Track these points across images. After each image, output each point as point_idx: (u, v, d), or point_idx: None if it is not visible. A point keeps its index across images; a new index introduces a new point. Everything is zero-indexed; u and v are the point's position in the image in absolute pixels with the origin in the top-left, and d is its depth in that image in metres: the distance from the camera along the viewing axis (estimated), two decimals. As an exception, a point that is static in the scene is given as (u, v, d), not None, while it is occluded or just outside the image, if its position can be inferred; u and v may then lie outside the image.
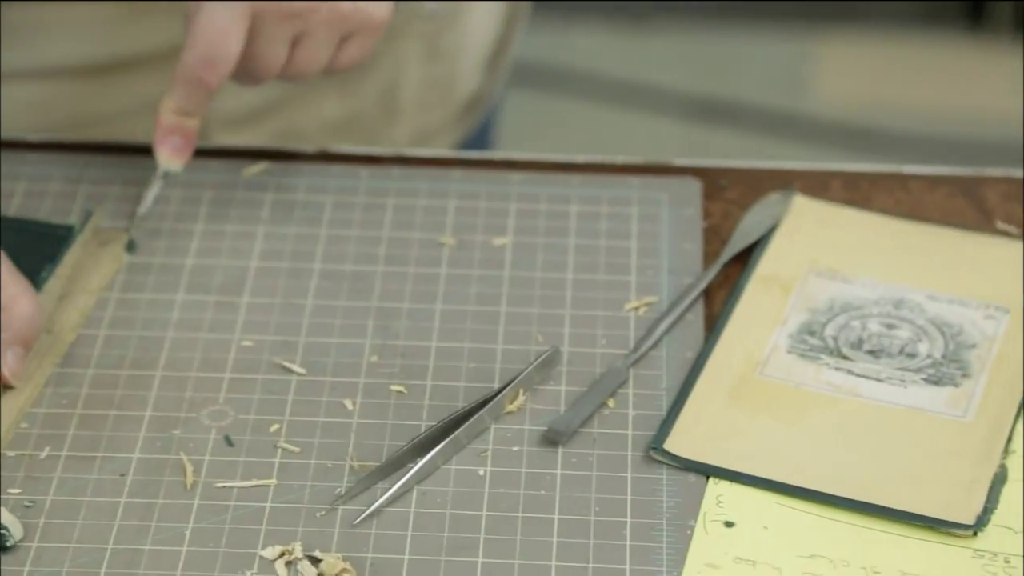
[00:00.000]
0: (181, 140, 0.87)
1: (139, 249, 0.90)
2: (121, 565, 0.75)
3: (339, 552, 0.75)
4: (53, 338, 0.84)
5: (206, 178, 0.93)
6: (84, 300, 0.86)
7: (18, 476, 0.78)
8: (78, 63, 0.99)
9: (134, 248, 0.90)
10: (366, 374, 0.84)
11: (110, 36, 0.98)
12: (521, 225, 0.92)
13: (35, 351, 0.83)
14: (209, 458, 0.79)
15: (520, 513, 0.77)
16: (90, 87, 1.00)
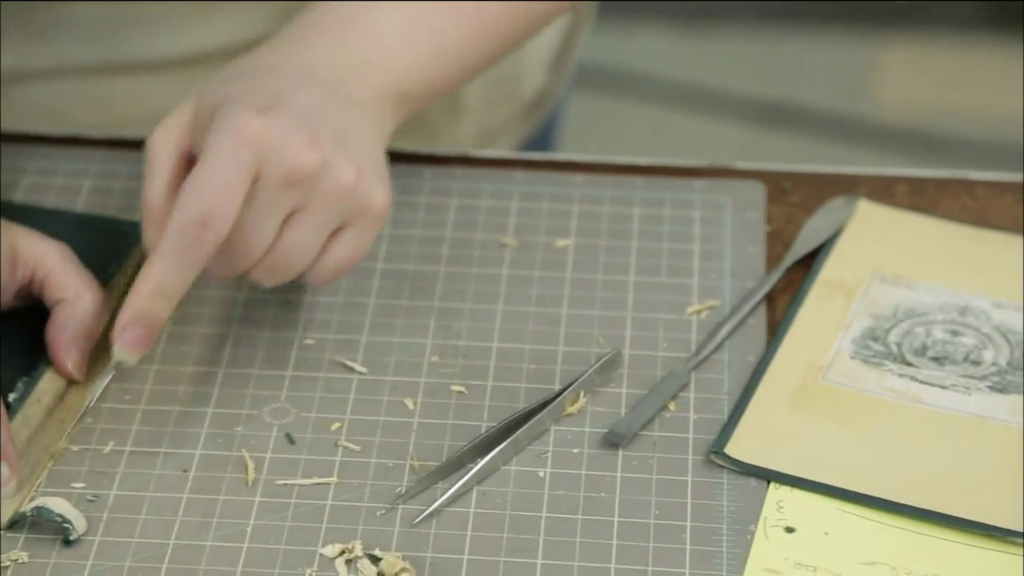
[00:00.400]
0: (143, 332, 0.77)
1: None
2: (182, 560, 0.75)
3: (399, 551, 0.76)
4: None
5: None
6: (149, 296, 0.87)
7: (82, 470, 0.79)
8: (143, 59, 1.00)
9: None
10: (427, 374, 0.84)
11: (176, 33, 0.99)
12: (583, 227, 0.92)
13: (100, 345, 0.83)
14: (270, 455, 0.80)
15: (580, 515, 0.77)
16: (153, 84, 1.01)
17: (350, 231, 0.79)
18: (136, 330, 0.77)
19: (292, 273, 0.79)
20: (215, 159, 0.76)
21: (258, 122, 0.77)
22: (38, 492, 0.77)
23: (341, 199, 0.78)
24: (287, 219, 0.78)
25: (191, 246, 0.76)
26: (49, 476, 0.78)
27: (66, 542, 0.75)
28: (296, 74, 0.81)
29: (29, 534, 0.76)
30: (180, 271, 0.76)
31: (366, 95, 0.82)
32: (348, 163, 0.78)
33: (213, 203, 0.75)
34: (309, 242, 0.78)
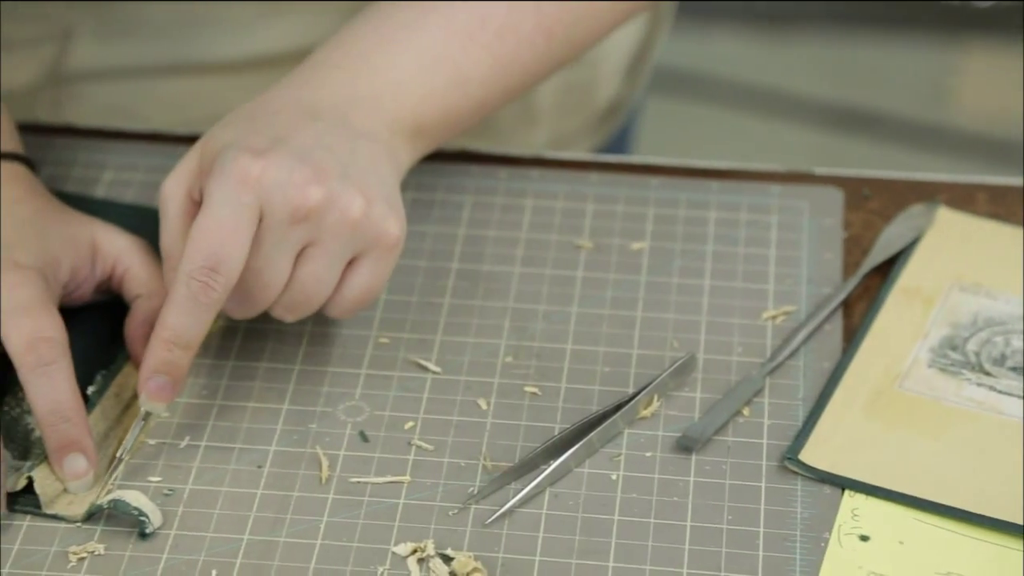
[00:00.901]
0: (168, 381, 0.77)
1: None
2: (256, 556, 0.75)
3: (470, 551, 0.76)
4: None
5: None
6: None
7: (158, 464, 0.79)
8: (213, 60, 1.01)
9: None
10: (501, 374, 0.84)
11: (244, 34, 1.00)
12: (659, 230, 0.92)
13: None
14: (344, 453, 0.80)
15: (652, 519, 0.77)
16: (222, 85, 1.01)
17: (366, 262, 0.79)
18: (160, 379, 0.77)
19: (312, 307, 0.79)
20: (216, 205, 0.76)
21: (257, 164, 0.76)
22: (115, 485, 0.78)
23: (351, 230, 0.78)
24: (300, 255, 0.78)
25: (201, 293, 0.76)
26: (126, 469, 0.79)
27: (142, 535, 0.76)
28: (299, 111, 0.80)
29: (106, 526, 0.76)
30: (193, 319, 0.76)
31: (375, 127, 0.81)
32: (355, 194, 0.78)
33: (219, 249, 0.76)
34: (324, 275, 0.78)
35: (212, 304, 0.76)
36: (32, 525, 0.76)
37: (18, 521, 0.76)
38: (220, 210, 0.76)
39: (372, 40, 0.83)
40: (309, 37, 1.00)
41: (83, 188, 0.93)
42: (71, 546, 0.75)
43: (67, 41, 1.00)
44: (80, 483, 0.77)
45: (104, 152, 0.95)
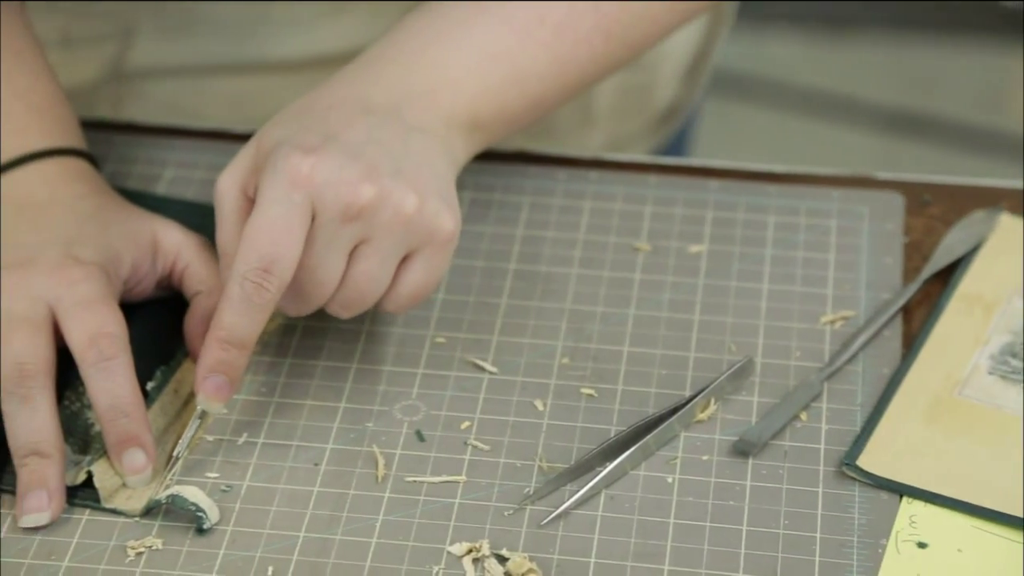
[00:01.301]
0: (224, 380, 0.77)
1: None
2: (312, 553, 0.76)
3: (526, 552, 0.76)
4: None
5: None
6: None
7: (216, 460, 0.80)
8: (272, 59, 1.01)
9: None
10: (557, 376, 0.84)
11: (304, 34, 1.00)
12: (717, 233, 0.92)
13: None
14: (400, 452, 0.80)
15: (708, 523, 0.77)
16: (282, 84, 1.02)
17: (420, 258, 0.79)
18: (217, 379, 0.77)
19: (366, 304, 0.79)
20: (268, 204, 0.76)
21: (307, 161, 0.76)
22: (173, 481, 0.78)
23: (404, 227, 0.77)
24: (353, 253, 0.78)
25: (255, 293, 0.76)
26: (184, 465, 0.79)
27: (199, 531, 0.76)
28: (352, 106, 0.80)
29: (164, 521, 0.77)
30: (247, 318, 0.76)
31: (429, 121, 0.81)
32: (408, 190, 0.77)
33: (271, 248, 0.76)
34: (378, 272, 0.78)
35: (266, 304, 0.76)
36: (91, 519, 0.77)
37: (77, 515, 0.77)
38: (272, 209, 0.76)
39: (428, 36, 0.83)
40: (368, 36, 1.00)
41: (144, 185, 0.94)
42: (129, 540, 0.76)
43: (129, 39, 1.01)
44: (139, 478, 0.78)
45: (165, 149, 0.96)
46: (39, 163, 0.85)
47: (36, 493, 0.75)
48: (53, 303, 0.79)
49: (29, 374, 0.77)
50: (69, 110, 0.88)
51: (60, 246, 0.81)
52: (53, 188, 0.84)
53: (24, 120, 0.85)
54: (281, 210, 0.76)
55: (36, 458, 0.76)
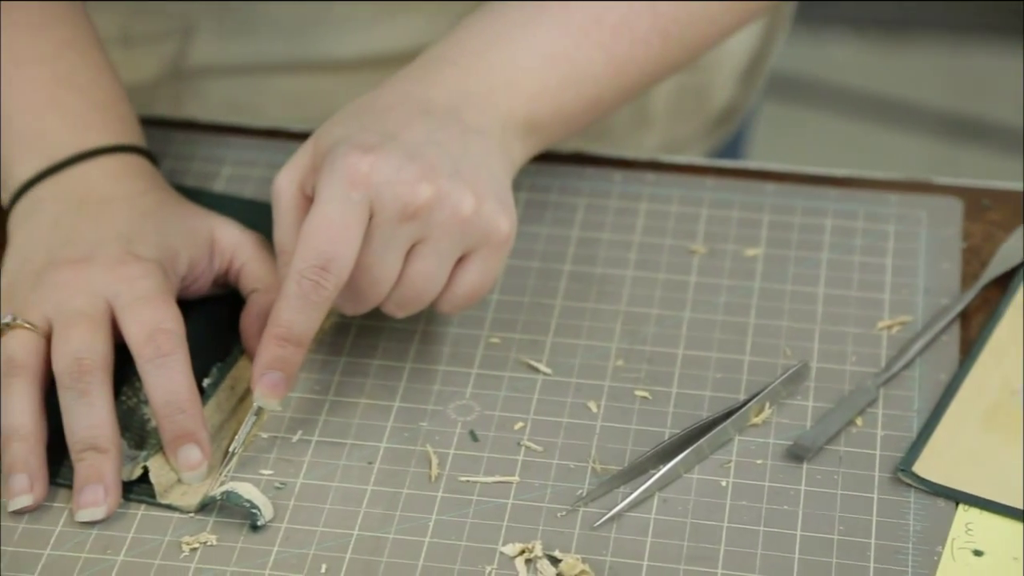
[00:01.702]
0: (281, 376, 0.77)
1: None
2: (365, 551, 0.76)
3: (578, 553, 0.76)
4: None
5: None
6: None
7: (271, 458, 0.80)
8: (331, 59, 1.01)
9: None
10: (611, 377, 0.84)
11: (362, 34, 1.00)
12: (774, 237, 0.91)
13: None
14: (454, 452, 0.80)
15: (761, 527, 0.77)
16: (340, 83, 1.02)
17: (476, 258, 0.79)
18: (273, 375, 0.77)
19: (422, 304, 0.79)
20: (326, 203, 0.76)
21: (366, 160, 0.76)
22: (228, 477, 0.79)
23: (461, 227, 0.77)
24: (410, 252, 0.78)
25: (311, 292, 0.76)
26: (239, 462, 0.79)
27: (253, 527, 0.77)
28: (411, 107, 0.80)
29: (218, 518, 0.77)
30: (304, 316, 0.77)
31: (487, 123, 0.81)
32: (465, 191, 0.77)
33: (329, 247, 0.76)
34: (434, 272, 0.78)
35: (322, 302, 0.77)
36: (146, 514, 0.77)
37: (133, 510, 0.77)
38: (330, 208, 0.76)
39: (487, 37, 0.83)
40: (426, 37, 1.00)
41: (202, 182, 0.94)
42: (184, 536, 0.76)
43: (188, 37, 1.01)
44: (194, 474, 0.78)
45: (223, 147, 0.96)
46: (99, 159, 0.85)
47: (92, 487, 0.76)
48: (112, 299, 0.80)
49: (87, 369, 0.78)
50: (129, 107, 0.88)
51: (119, 242, 0.82)
52: (113, 185, 0.85)
53: (85, 117, 0.86)
54: (339, 209, 0.76)
55: (93, 453, 0.77)
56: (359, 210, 0.76)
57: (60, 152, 0.85)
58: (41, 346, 0.79)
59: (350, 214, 0.76)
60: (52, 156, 0.85)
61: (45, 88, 0.86)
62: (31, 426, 0.77)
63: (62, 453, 0.78)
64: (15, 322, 0.79)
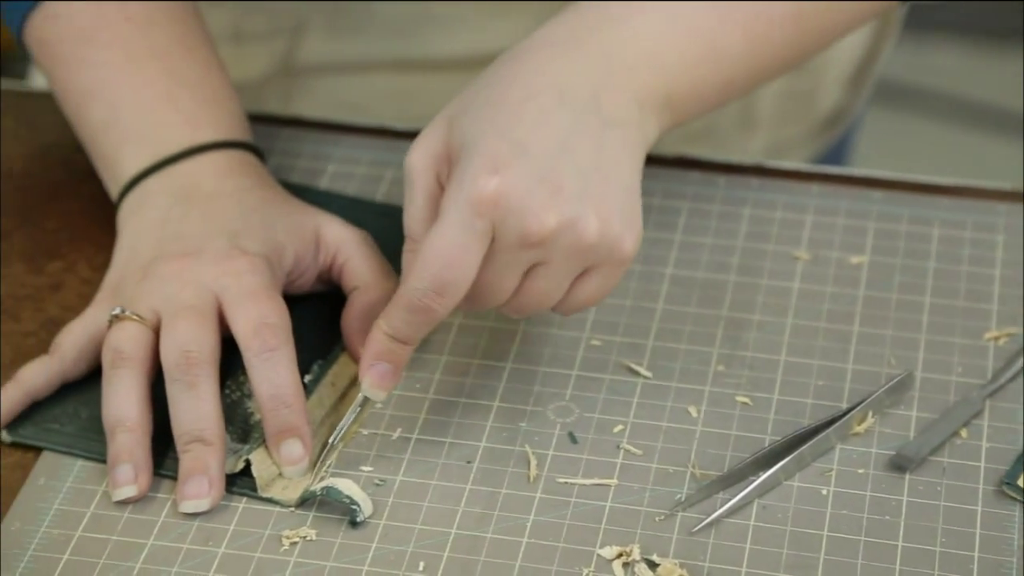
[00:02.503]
0: (389, 368, 0.78)
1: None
2: (463, 550, 0.76)
3: (676, 558, 0.75)
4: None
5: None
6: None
7: (370, 454, 0.80)
8: (442, 57, 1.02)
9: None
10: (712, 382, 0.83)
11: (474, 32, 1.01)
12: (879, 244, 0.90)
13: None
14: (553, 453, 0.80)
15: (862, 537, 0.76)
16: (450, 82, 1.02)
17: (595, 275, 0.78)
18: (382, 367, 0.78)
19: (536, 312, 0.79)
20: (450, 226, 0.75)
21: (493, 183, 0.74)
22: (328, 473, 0.79)
23: (584, 253, 0.76)
24: (529, 270, 0.77)
25: (424, 311, 0.76)
26: (339, 458, 0.80)
27: (352, 523, 0.77)
28: (548, 98, 0.77)
29: (318, 513, 0.78)
30: (414, 327, 0.77)
31: (625, 106, 0.79)
32: (591, 216, 0.76)
33: (447, 273, 0.75)
34: (552, 290, 0.78)
35: (433, 321, 0.77)
36: (247, 507, 0.78)
37: (235, 503, 0.78)
38: (453, 232, 0.75)
39: (619, 8, 0.81)
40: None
41: (308, 179, 0.95)
42: (284, 530, 0.77)
43: (298, 35, 1.02)
44: (295, 469, 0.79)
45: (329, 145, 0.97)
46: (208, 155, 0.86)
47: (197, 479, 0.77)
48: (219, 292, 0.81)
49: (194, 362, 0.78)
50: (238, 103, 0.89)
51: (226, 237, 0.83)
52: (220, 180, 0.86)
53: (195, 112, 0.87)
54: (461, 235, 0.75)
55: (199, 445, 0.77)
56: (481, 237, 0.75)
57: (169, 147, 0.86)
58: (149, 338, 0.80)
59: (472, 240, 0.75)
60: (161, 151, 0.86)
61: (156, 83, 0.87)
62: (137, 417, 0.78)
63: (167, 444, 0.79)
64: (123, 314, 0.80)
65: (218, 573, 0.75)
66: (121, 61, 0.87)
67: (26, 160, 0.96)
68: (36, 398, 0.81)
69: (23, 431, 0.81)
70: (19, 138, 0.98)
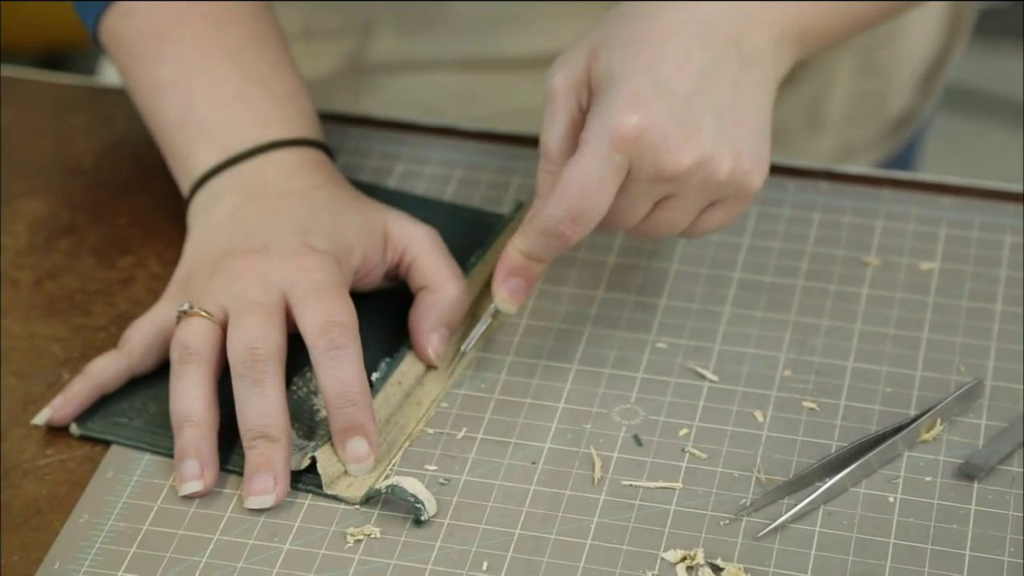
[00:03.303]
0: (522, 283, 0.81)
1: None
2: (526, 551, 0.76)
3: (740, 563, 0.75)
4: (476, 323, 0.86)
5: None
6: (508, 289, 0.88)
7: (435, 453, 0.80)
8: (513, 57, 1.02)
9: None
10: (778, 387, 0.83)
11: (546, 32, 1.01)
12: (950, 251, 0.90)
13: (459, 334, 0.85)
14: (617, 455, 0.80)
15: (929, 545, 0.75)
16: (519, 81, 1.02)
17: (722, 207, 0.81)
18: (515, 281, 0.81)
19: (661, 237, 0.84)
20: (589, 158, 0.78)
21: (635, 121, 0.77)
22: (393, 471, 0.79)
23: (713, 189, 0.80)
24: (659, 201, 0.80)
25: (557, 237, 0.79)
26: (404, 456, 0.80)
27: (417, 522, 0.77)
28: (689, 37, 0.80)
29: (382, 511, 0.78)
30: (545, 249, 0.80)
31: (763, 45, 0.81)
32: (724, 154, 0.79)
33: (582, 202, 0.78)
34: (679, 220, 0.81)
35: (566, 245, 0.80)
36: (313, 504, 0.78)
37: (300, 499, 0.78)
38: (591, 164, 0.78)
39: None
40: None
41: (376, 178, 0.95)
42: (349, 527, 0.77)
43: (368, 34, 1.03)
44: (361, 466, 0.79)
45: (397, 143, 0.97)
46: (278, 152, 0.87)
47: (263, 476, 0.77)
48: (287, 290, 0.81)
49: (261, 358, 0.79)
50: (309, 102, 0.90)
51: (295, 234, 0.83)
52: (290, 177, 0.86)
53: (265, 110, 0.87)
54: (599, 168, 0.78)
55: (264, 441, 0.78)
56: (618, 171, 0.78)
57: (240, 144, 0.87)
58: (216, 334, 0.80)
59: (609, 174, 0.78)
60: (232, 148, 0.87)
61: (229, 81, 0.87)
62: (203, 413, 0.79)
63: (234, 440, 0.79)
64: (191, 310, 0.81)
65: (283, 569, 0.75)
66: (195, 58, 0.87)
67: (97, 156, 0.97)
68: (105, 392, 0.82)
69: (92, 425, 0.81)
70: (91, 134, 0.99)
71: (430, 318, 0.84)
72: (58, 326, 0.87)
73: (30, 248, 0.91)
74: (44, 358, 0.85)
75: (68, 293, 0.89)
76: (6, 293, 0.89)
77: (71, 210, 0.94)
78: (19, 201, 0.94)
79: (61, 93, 1.02)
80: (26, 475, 0.79)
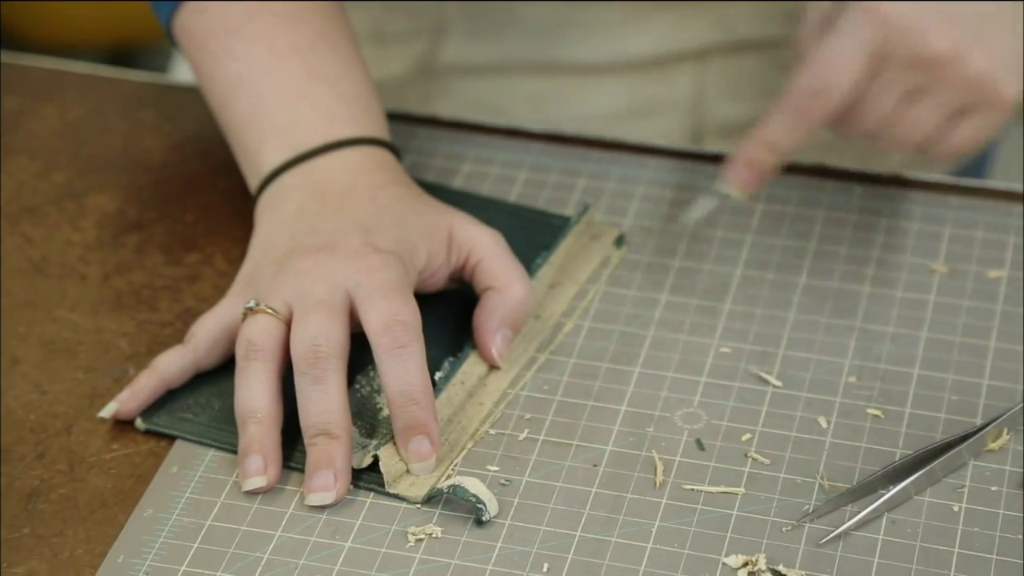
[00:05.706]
0: (750, 173, 0.84)
1: (629, 246, 0.91)
2: (587, 553, 0.76)
3: (802, 570, 0.75)
4: (540, 324, 0.86)
5: (697, 183, 0.94)
6: (572, 290, 0.88)
7: (497, 454, 0.80)
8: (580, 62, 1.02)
9: (623, 244, 0.91)
10: (843, 394, 0.83)
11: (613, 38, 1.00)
12: (1019, 259, 0.89)
13: (522, 335, 0.85)
14: (679, 459, 0.80)
15: (994, 555, 0.75)
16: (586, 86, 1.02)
17: (971, 118, 0.81)
18: (744, 170, 0.83)
19: (904, 144, 0.83)
20: (841, 34, 0.80)
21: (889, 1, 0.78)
22: (455, 471, 0.80)
23: (966, 87, 0.80)
24: (908, 97, 0.80)
25: (802, 111, 0.81)
26: (466, 457, 0.80)
27: (478, 522, 0.77)
28: None
29: (444, 510, 0.78)
30: (789, 131, 0.82)
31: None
32: (980, 53, 0.79)
33: (827, 75, 0.80)
34: (925, 121, 0.81)
35: (808, 123, 0.81)
36: (375, 502, 0.78)
37: (362, 497, 0.79)
38: (841, 40, 0.79)
39: None
40: (676, 42, 1.00)
41: (442, 178, 0.95)
42: (410, 526, 0.77)
43: (439, 37, 1.03)
44: (423, 465, 0.79)
45: (464, 144, 0.97)
46: (344, 151, 0.87)
47: (323, 473, 0.77)
48: (351, 289, 0.81)
49: (323, 356, 0.79)
50: (377, 101, 0.90)
51: (360, 233, 0.83)
52: (355, 176, 0.86)
53: (332, 108, 0.88)
54: (848, 43, 0.79)
55: (325, 438, 0.78)
56: (867, 49, 0.79)
57: (307, 142, 0.87)
58: (281, 331, 0.81)
59: (857, 50, 0.79)
60: (299, 146, 0.87)
61: (297, 79, 0.88)
62: (267, 409, 0.79)
63: (297, 437, 0.79)
64: (257, 307, 0.81)
65: (344, 567, 0.76)
66: (265, 56, 0.88)
67: (166, 153, 0.98)
68: (171, 386, 0.83)
69: (157, 419, 0.82)
70: (160, 131, 0.99)
71: (495, 318, 0.84)
72: (125, 321, 0.87)
73: (98, 244, 0.92)
74: (111, 353, 0.86)
75: (135, 289, 0.89)
76: (74, 288, 0.89)
77: (139, 206, 0.94)
78: (88, 197, 0.95)
79: (131, 90, 1.03)
80: (92, 469, 0.80)
